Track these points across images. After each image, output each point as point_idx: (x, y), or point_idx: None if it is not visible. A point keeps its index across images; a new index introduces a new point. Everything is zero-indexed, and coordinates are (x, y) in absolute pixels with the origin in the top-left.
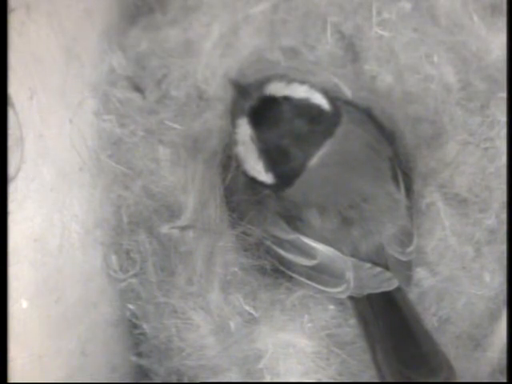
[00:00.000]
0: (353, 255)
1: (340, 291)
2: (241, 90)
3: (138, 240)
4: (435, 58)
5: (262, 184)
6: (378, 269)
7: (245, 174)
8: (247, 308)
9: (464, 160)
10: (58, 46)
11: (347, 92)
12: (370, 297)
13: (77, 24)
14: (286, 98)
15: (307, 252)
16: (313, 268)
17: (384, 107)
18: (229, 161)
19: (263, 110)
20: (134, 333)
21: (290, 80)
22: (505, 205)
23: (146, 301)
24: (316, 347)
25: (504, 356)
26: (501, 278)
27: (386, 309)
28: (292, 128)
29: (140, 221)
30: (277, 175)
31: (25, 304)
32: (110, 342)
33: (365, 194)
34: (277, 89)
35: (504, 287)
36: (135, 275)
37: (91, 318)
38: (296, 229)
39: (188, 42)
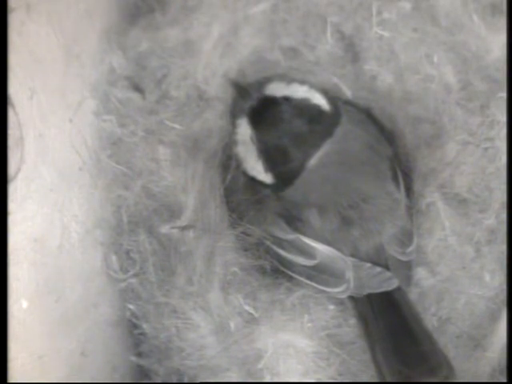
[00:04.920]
0: (353, 255)
1: (340, 291)
2: (240, 90)
3: (138, 240)
4: (435, 58)
5: (261, 184)
6: (378, 269)
7: (245, 173)
8: (247, 308)
9: (464, 160)
10: (58, 45)
11: (347, 92)
12: (370, 297)
13: (77, 24)
14: (286, 98)
15: (307, 252)
16: (313, 268)
17: (384, 107)
18: (229, 161)
19: (263, 110)
20: (133, 333)
21: (290, 80)
22: (505, 205)
23: (146, 301)
24: (316, 347)
25: (504, 356)
26: (501, 278)
27: (385, 309)
28: (292, 128)
29: (140, 221)
30: (276, 175)
31: (25, 304)
32: (109, 342)
33: (365, 193)
34: (277, 89)
35: (504, 287)
36: (135, 275)
37: (91, 318)
38: (296, 229)
39: (188, 42)
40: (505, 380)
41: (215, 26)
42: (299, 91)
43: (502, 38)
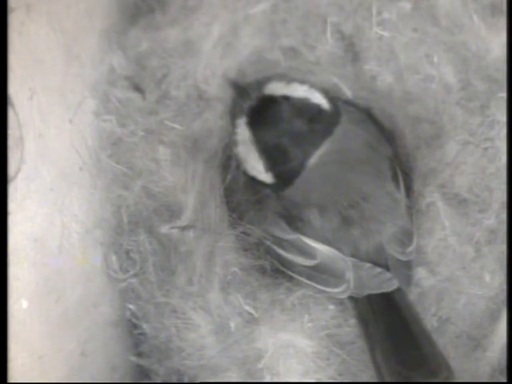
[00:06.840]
0: (353, 255)
1: (340, 291)
2: (240, 90)
3: (138, 240)
4: (435, 58)
5: (261, 184)
6: (378, 269)
7: (245, 173)
8: (247, 308)
9: (464, 160)
10: (58, 45)
11: (347, 92)
12: (370, 297)
13: (77, 24)
14: (286, 98)
15: (307, 252)
16: (313, 268)
17: (384, 107)
18: (229, 161)
19: (263, 110)
20: (133, 333)
21: (289, 80)
22: (505, 205)
23: (146, 301)
24: (316, 347)
25: (504, 356)
26: (501, 278)
27: (385, 309)
28: (291, 127)
29: (140, 221)
30: (276, 175)
31: (25, 304)
32: (109, 342)
33: (365, 193)
34: (276, 88)
35: (504, 287)
36: (135, 275)
37: (91, 318)
38: (296, 229)
39: (188, 42)
40: (505, 380)
41: (215, 26)
42: (299, 91)
43: (502, 38)
